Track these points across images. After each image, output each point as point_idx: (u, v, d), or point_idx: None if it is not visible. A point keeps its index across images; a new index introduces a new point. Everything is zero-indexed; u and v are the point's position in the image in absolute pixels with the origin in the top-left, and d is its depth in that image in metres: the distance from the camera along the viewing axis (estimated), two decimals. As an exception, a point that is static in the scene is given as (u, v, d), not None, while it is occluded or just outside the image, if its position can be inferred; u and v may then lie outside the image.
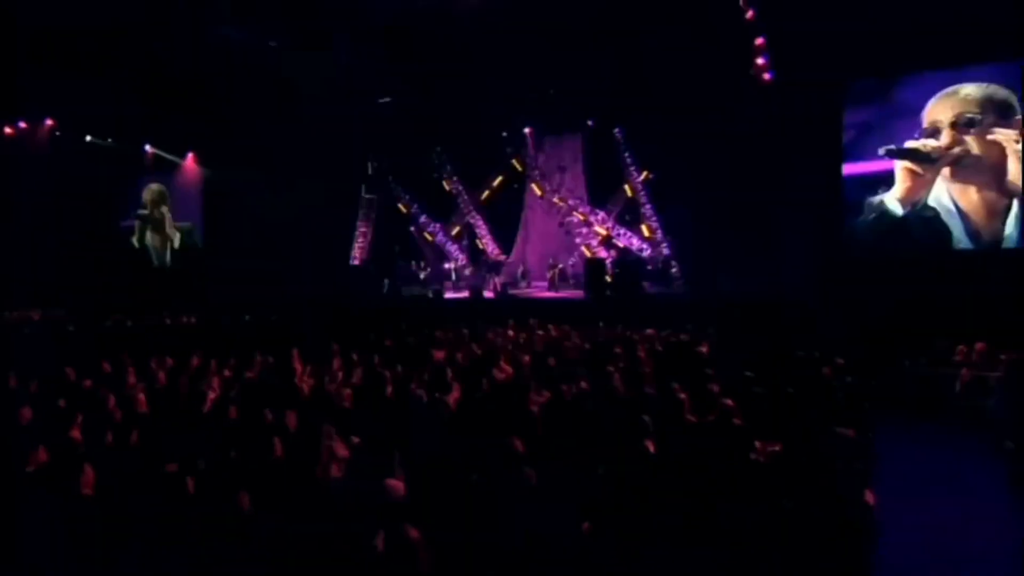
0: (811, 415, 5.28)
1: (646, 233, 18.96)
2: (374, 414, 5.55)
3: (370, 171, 22.85)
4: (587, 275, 16.68)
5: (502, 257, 23.44)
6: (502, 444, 4.28)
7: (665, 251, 18.43)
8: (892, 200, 13.05)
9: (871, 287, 12.19)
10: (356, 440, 5.04)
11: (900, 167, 12.84)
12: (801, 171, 14.22)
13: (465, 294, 17.83)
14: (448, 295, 18.50)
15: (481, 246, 23.97)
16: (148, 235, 22.24)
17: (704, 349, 8.13)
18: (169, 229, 21.66)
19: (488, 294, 17.87)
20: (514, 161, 20.94)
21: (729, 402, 5.45)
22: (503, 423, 5.09)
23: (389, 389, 6.36)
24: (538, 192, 20.68)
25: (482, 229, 23.80)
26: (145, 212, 21.74)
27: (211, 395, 6.29)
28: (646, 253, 18.73)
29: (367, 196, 23.05)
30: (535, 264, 22.94)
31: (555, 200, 20.30)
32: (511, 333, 11.38)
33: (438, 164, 23.85)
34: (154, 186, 21.54)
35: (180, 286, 19.86)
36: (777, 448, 4.64)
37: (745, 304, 13.36)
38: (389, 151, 21.60)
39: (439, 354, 8.57)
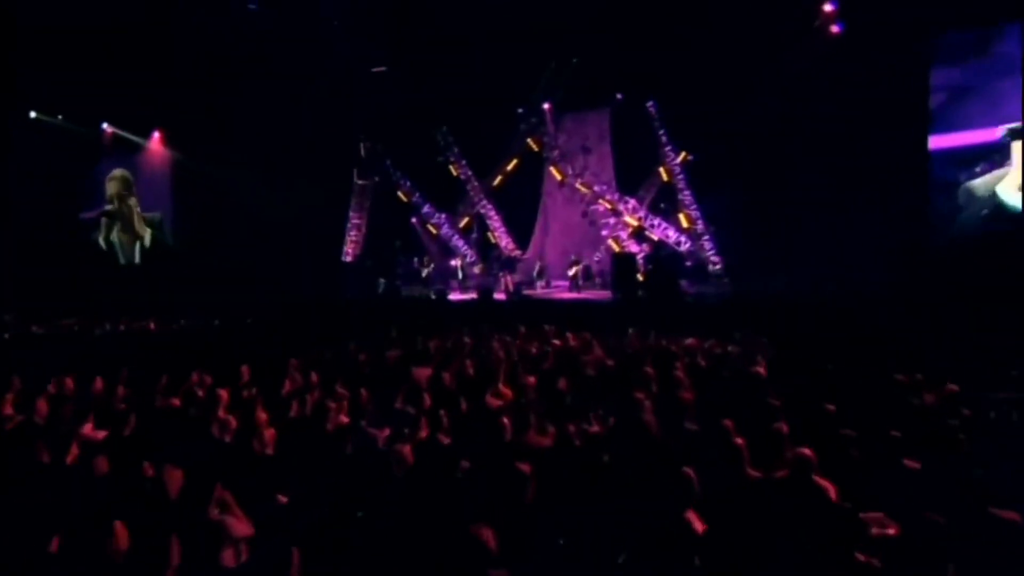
0: (937, 474, 3.73)
1: (684, 223, 18.34)
2: (299, 466, 4.14)
3: (362, 153, 21.73)
4: (614, 273, 15.85)
5: (517, 252, 22.59)
6: (466, 534, 2.84)
7: (707, 244, 17.85)
8: (1011, 189, 11.49)
9: (970, 288, 10.84)
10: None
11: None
12: (876, 145, 13.66)
13: (473, 295, 17.07)
14: (453, 296, 17.87)
15: (493, 240, 23.12)
16: (115, 233, 21.10)
17: (761, 369, 6.66)
18: (139, 225, 20.68)
19: (499, 295, 17.08)
20: (530, 141, 20.22)
21: (807, 452, 3.95)
22: (477, 489, 3.63)
23: (331, 426, 4.98)
24: (558, 177, 19.91)
25: (494, 220, 23.08)
26: (112, 208, 20.58)
27: (85, 433, 4.99)
28: (684, 247, 18.18)
29: (360, 182, 22.68)
30: (555, 261, 21.85)
31: (577, 186, 19.59)
32: (519, 343, 10.44)
33: (443, 146, 22.90)
34: (117, 172, 20.49)
35: (148, 287, 18.77)
36: (892, 532, 3.47)
37: (806, 308, 12.89)
38: (386, 131, 20.96)
39: (422, 373, 7.20)
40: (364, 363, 8.71)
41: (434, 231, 22.99)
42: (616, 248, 18.67)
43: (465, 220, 23.25)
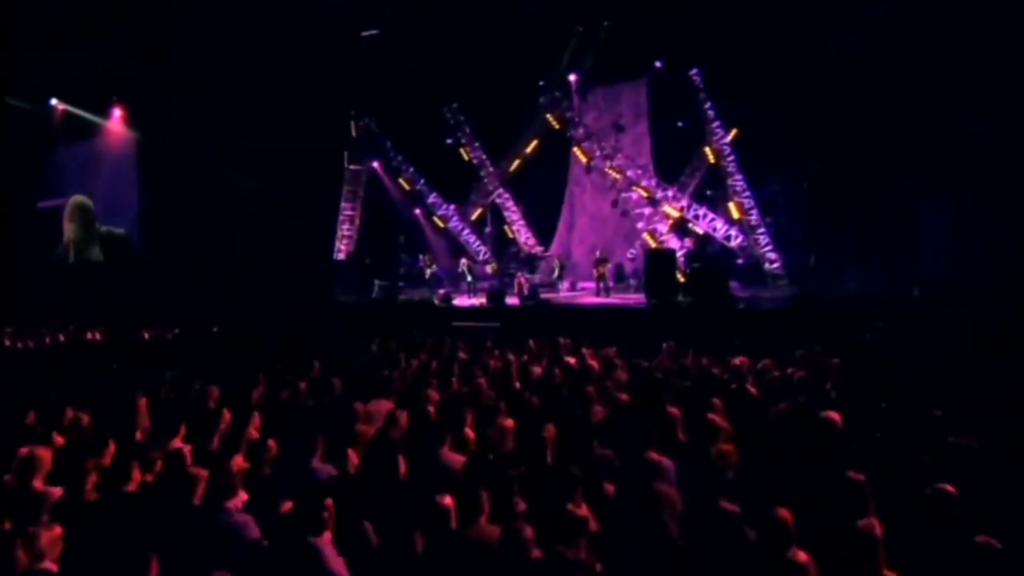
0: None
1: (735, 214, 17.79)
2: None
3: (354, 133, 21.54)
4: (648, 273, 15.01)
5: (538, 250, 22.15)
6: None
7: (762, 238, 17.35)
8: None
9: None
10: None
11: None
12: (974, 113, 12.22)
13: (482, 300, 16.58)
14: (460, 301, 17.24)
15: (511, 234, 22.71)
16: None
17: (835, 416, 5.08)
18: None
19: (512, 300, 16.44)
20: (549, 117, 20.35)
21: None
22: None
23: (197, 498, 4.20)
24: (583, 159, 19.61)
25: (512, 212, 22.66)
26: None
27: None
28: (736, 242, 17.69)
29: (352, 167, 21.89)
30: (583, 259, 21.16)
31: (607, 170, 19.13)
32: (522, 361, 9.33)
33: (453, 125, 22.31)
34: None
35: (114, 287, 17.97)
36: None
37: (888, 318, 11.14)
38: (384, 108, 20.50)
39: (377, 409, 6.33)
40: (303, 394, 7.31)
41: (441, 224, 22.39)
42: (652, 244, 18.07)
43: (478, 212, 22.78)
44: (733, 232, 17.71)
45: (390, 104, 20.40)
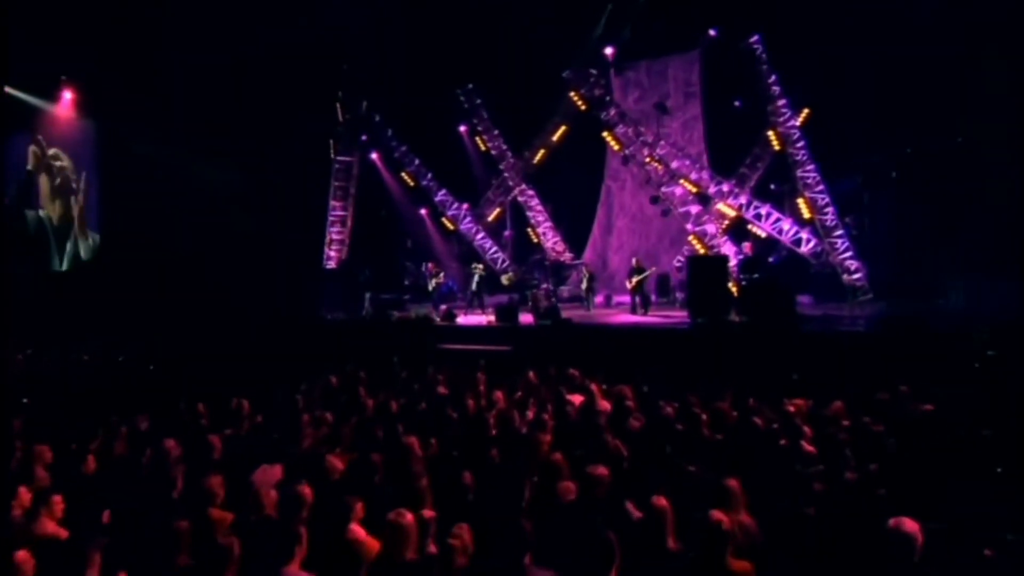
0: None
1: (806, 213, 17.06)
2: None
3: (340, 118, 20.98)
4: (691, 285, 14.38)
5: (567, 256, 21.61)
6: None
7: (840, 243, 16.52)
8: None
9: None
10: None
11: None
12: None
13: (490, 318, 15.90)
14: (464, 319, 16.64)
15: (535, 238, 22.28)
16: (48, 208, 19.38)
17: (911, 528, 3.80)
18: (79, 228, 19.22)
19: (526, 318, 15.42)
20: (573, 96, 19.52)
21: None
22: None
23: None
24: (614, 146, 18.96)
25: (537, 212, 22.29)
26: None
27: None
28: (807, 247, 17.02)
29: (341, 159, 21.31)
30: (622, 268, 20.31)
31: (646, 160, 18.36)
32: (512, 399, 8.87)
33: (467, 109, 22.06)
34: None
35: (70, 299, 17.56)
36: None
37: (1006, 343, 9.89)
38: (385, 89, 20.52)
39: (263, 479, 5.46)
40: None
41: (451, 227, 21.98)
42: (700, 249, 17.33)
43: (495, 212, 22.44)
44: (804, 235, 17.04)
45: (393, 86, 20.25)
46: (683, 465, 5.96)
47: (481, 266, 18.17)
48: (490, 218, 22.10)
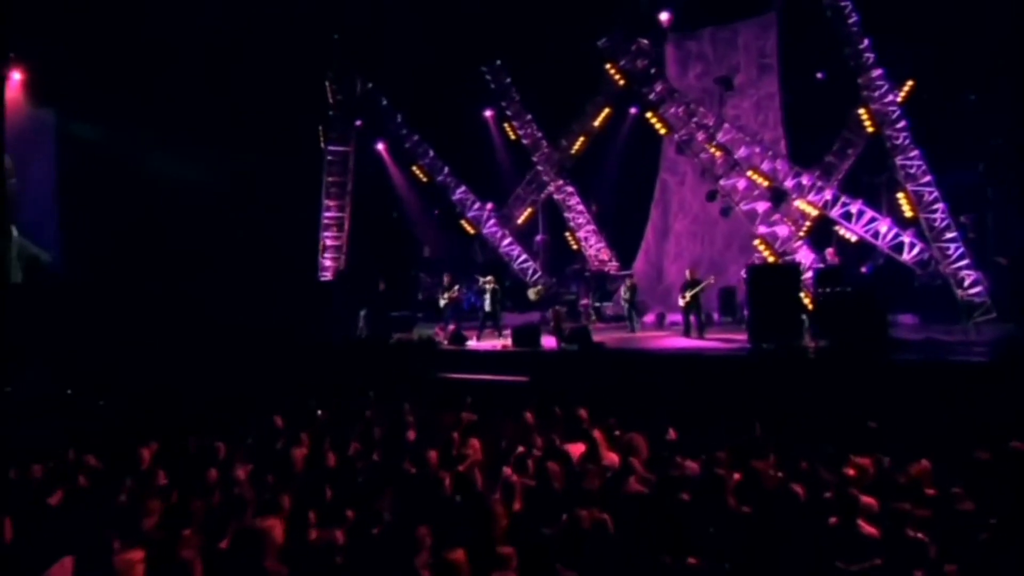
0: None
1: (908, 211, 16.72)
2: None
3: (330, 99, 20.85)
4: (752, 302, 14.12)
5: (612, 266, 21.47)
6: None
7: (952, 248, 16.12)
8: None
9: None
10: None
11: None
12: None
13: (505, 342, 15.88)
14: (477, 343, 16.63)
15: (574, 244, 22.20)
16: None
17: None
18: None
19: (548, 340, 15.38)
20: (609, 68, 18.96)
21: None
22: None
23: None
24: (660, 129, 18.51)
25: (577, 212, 22.17)
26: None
27: None
28: (910, 254, 16.71)
29: (334, 149, 21.15)
30: (681, 280, 19.55)
31: (703, 146, 17.98)
32: (479, 446, 8.62)
33: (496, 90, 21.84)
34: None
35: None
36: None
37: None
38: (392, 67, 20.47)
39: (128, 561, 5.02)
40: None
41: (471, 230, 21.74)
42: (768, 256, 16.86)
43: (526, 212, 22.25)
44: (906, 238, 16.62)
45: (398, 59, 19.94)
46: (681, 554, 5.51)
47: (491, 278, 17.75)
48: (519, 220, 21.93)
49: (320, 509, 6.41)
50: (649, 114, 18.53)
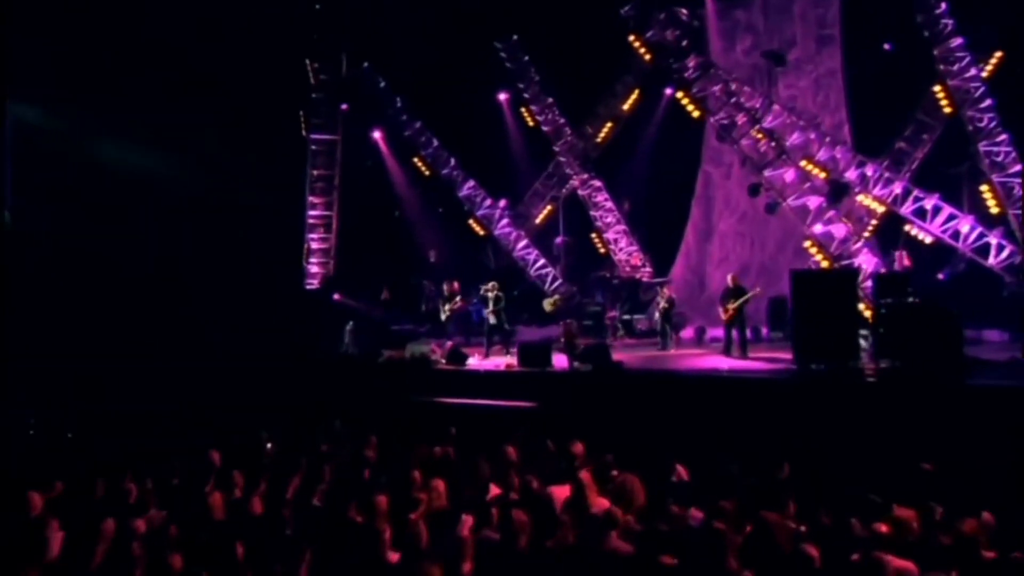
0: None
1: (993, 206, 16.91)
2: None
3: (312, 80, 20.98)
4: (796, 314, 14.03)
5: (645, 272, 21.28)
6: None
7: None
8: None
9: None
10: None
11: None
12: None
13: (509, 360, 15.78)
14: (480, 361, 16.58)
15: (600, 247, 22.18)
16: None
17: None
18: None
19: (560, 359, 15.21)
20: (632, 40, 18.84)
21: None
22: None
23: None
24: (692, 111, 18.54)
25: (605, 211, 22.15)
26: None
27: None
28: (997, 258, 16.65)
29: (318, 138, 21.40)
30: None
31: (745, 131, 17.90)
32: (442, 491, 8.48)
33: (512, 69, 21.74)
34: None
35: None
36: None
37: None
38: (383, 40, 20.63)
39: None
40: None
41: (480, 231, 21.78)
42: (822, 260, 16.79)
43: (545, 210, 22.29)
44: (992, 239, 16.55)
45: (398, 34, 20.17)
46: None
47: (493, 285, 17.60)
48: (537, 219, 21.94)
49: (222, 572, 6.30)
50: (680, 94, 18.51)
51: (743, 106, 17.93)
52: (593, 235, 21.67)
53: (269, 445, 10.81)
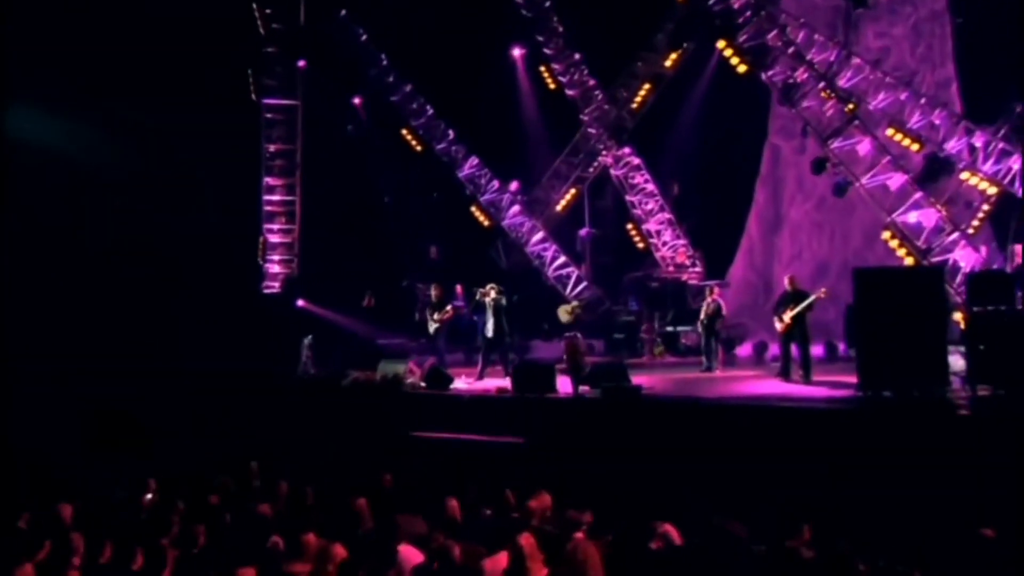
0: None
1: None
2: None
3: (261, 31, 20.73)
4: (858, 323, 13.64)
5: (694, 273, 20.97)
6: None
7: None
8: None
9: None
10: None
11: None
12: None
13: (503, 383, 15.69)
14: (470, 382, 16.65)
15: (639, 240, 21.86)
16: None
17: None
18: None
19: (566, 382, 14.87)
20: None
21: None
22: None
23: None
24: (737, 64, 18.54)
25: (646, 196, 21.83)
26: None
27: None
28: None
29: (273, 103, 21.29)
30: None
31: (805, 84, 17.98)
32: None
33: (530, 19, 21.43)
34: None
35: None
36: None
37: None
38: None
39: None
40: None
41: (485, 220, 21.53)
42: (903, 254, 16.93)
43: (567, 195, 22.00)
44: None
45: None
46: None
47: (491, 287, 17.32)
48: (558, 206, 21.98)
49: None
50: (722, 43, 18.44)
51: (806, 58, 17.51)
52: (629, 226, 21.47)
53: (150, 496, 10.66)
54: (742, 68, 18.53)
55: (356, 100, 21.80)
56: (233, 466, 12.64)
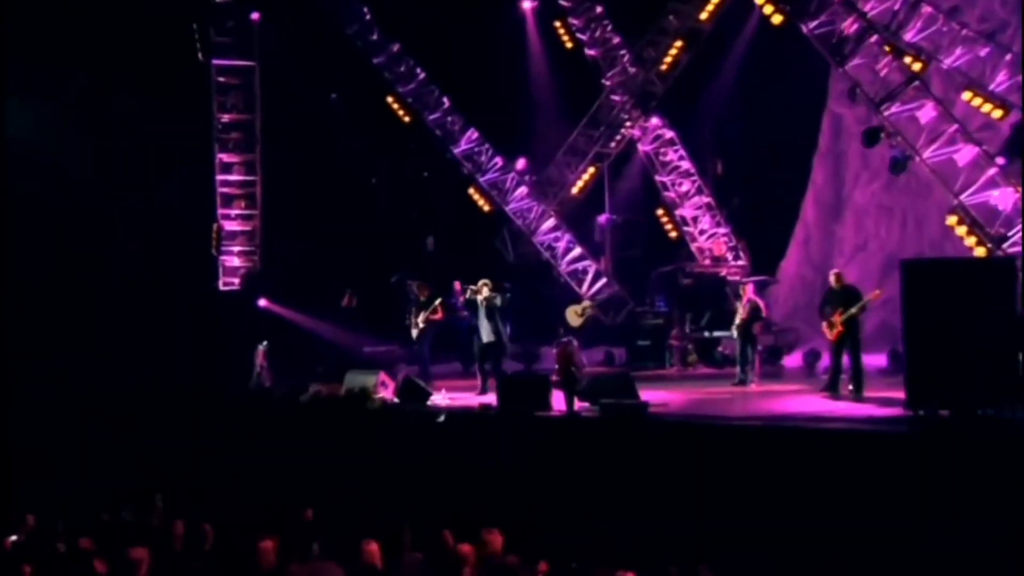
0: None
1: None
2: None
3: None
4: (907, 323, 12.92)
5: (736, 268, 20.90)
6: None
7: None
8: None
9: None
10: None
11: None
12: None
13: (489, 398, 16.01)
14: (452, 397, 16.75)
15: (673, 229, 21.78)
16: None
17: None
18: None
19: (558, 401, 15.02)
20: None
21: None
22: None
23: None
24: (772, 15, 18.81)
25: (680, 176, 21.82)
26: None
27: None
28: None
29: (224, 64, 21.33)
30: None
31: (856, 38, 17.85)
32: None
33: None
34: None
35: None
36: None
37: None
38: None
39: None
40: None
41: (485, 205, 21.47)
42: (972, 243, 16.81)
43: (584, 175, 21.68)
44: None
45: None
46: None
47: (484, 284, 17.45)
48: (573, 189, 21.93)
49: None
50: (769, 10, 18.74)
51: (856, 5, 17.06)
52: (659, 211, 21.27)
53: (13, 539, 10.71)
54: (777, 19, 18.33)
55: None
56: (136, 500, 12.53)
